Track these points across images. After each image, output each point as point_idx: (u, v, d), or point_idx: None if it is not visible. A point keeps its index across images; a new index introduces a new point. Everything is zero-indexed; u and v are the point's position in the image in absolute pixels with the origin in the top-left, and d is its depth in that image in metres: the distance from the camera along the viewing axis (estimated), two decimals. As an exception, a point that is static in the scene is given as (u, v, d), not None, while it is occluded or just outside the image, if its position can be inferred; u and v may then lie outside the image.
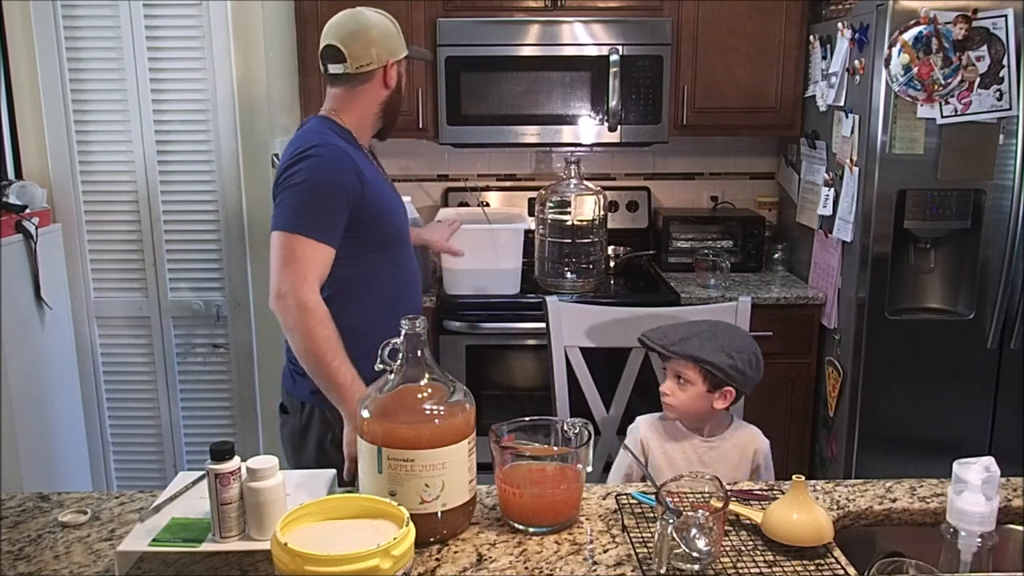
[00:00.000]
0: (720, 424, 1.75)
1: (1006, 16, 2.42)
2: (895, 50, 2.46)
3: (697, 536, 1.19)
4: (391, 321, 1.88)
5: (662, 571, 1.18)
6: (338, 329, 1.77)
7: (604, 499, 1.44)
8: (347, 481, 1.70)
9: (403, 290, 1.95)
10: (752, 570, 1.22)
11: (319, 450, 1.89)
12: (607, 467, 2.08)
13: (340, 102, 1.92)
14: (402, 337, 1.30)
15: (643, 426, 1.79)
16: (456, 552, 1.27)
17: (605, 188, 3.08)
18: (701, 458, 1.72)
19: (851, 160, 2.67)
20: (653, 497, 1.37)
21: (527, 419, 1.42)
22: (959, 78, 2.46)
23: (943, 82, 2.46)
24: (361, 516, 1.18)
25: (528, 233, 2.95)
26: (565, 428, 1.41)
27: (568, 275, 2.90)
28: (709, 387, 1.67)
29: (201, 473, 1.35)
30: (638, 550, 1.26)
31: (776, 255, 3.29)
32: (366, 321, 1.83)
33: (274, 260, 1.75)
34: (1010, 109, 2.47)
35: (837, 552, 1.26)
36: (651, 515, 1.36)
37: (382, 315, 1.84)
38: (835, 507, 1.41)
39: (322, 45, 1.90)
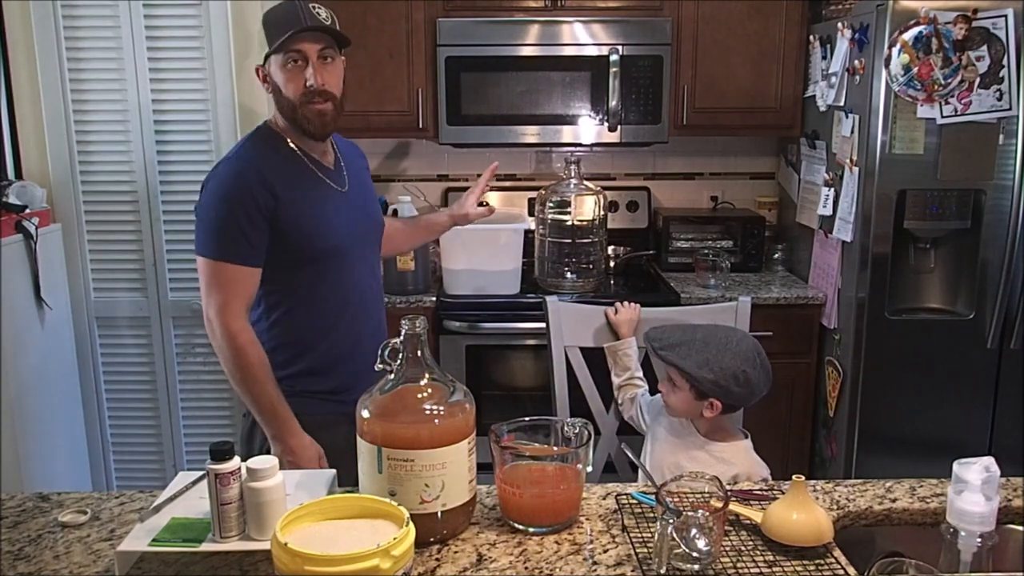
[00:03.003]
0: (721, 430, 1.75)
1: (1006, 16, 2.42)
2: (895, 50, 2.46)
3: (697, 536, 1.19)
4: (327, 338, 1.82)
5: (662, 571, 1.18)
6: (274, 343, 1.81)
7: (604, 499, 1.44)
8: None
9: (337, 308, 1.84)
10: (752, 570, 1.22)
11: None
12: (607, 467, 2.09)
13: None
14: (402, 337, 1.30)
15: (657, 401, 1.86)
16: (456, 552, 1.27)
17: (605, 188, 3.08)
18: (688, 451, 1.74)
19: (851, 160, 2.67)
20: (653, 497, 1.37)
21: (527, 419, 1.42)
22: (959, 78, 2.46)
23: (943, 82, 2.46)
24: (361, 516, 1.18)
25: (528, 233, 2.95)
26: (565, 428, 1.41)
27: (568, 275, 2.90)
28: (696, 395, 1.68)
29: (201, 473, 1.35)
30: (638, 550, 1.26)
31: (776, 255, 3.29)
32: (300, 337, 1.83)
33: (201, 284, 1.76)
34: (1010, 109, 2.47)
35: (837, 552, 1.26)
36: (651, 515, 1.36)
37: (316, 332, 1.83)
38: (835, 507, 1.41)
39: None
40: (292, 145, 1.82)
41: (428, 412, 1.29)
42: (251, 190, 1.72)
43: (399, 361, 1.30)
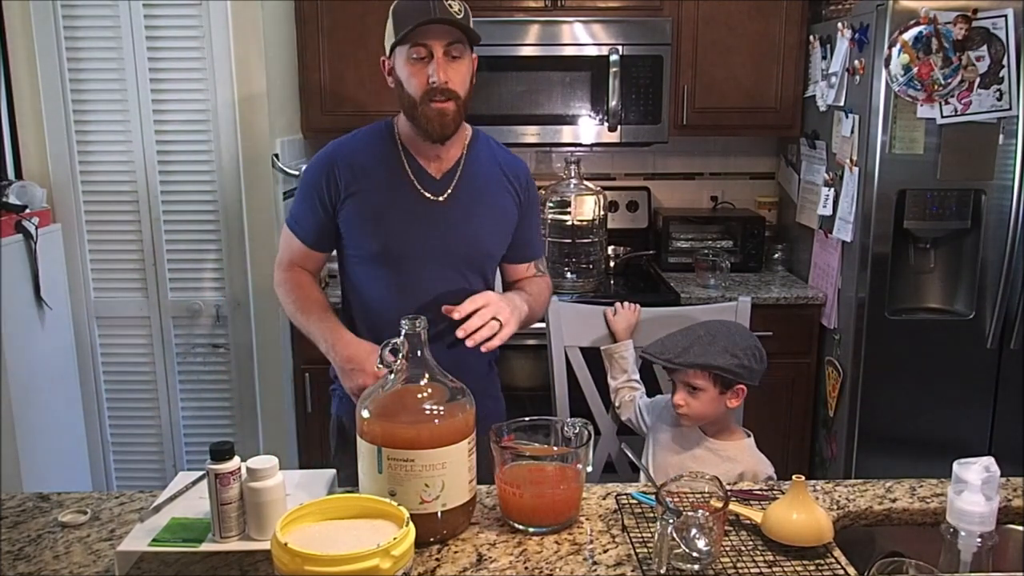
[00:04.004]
0: (727, 429, 1.75)
1: (1006, 16, 2.42)
2: (895, 50, 2.46)
3: (697, 536, 1.19)
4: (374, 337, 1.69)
5: (662, 571, 1.18)
6: None
7: (604, 499, 1.44)
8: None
9: (386, 320, 1.64)
10: (752, 570, 1.22)
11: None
12: (607, 467, 2.09)
13: None
14: (402, 337, 1.30)
15: (665, 403, 1.85)
16: (456, 552, 1.27)
17: (605, 188, 3.08)
18: (692, 452, 1.73)
19: (851, 160, 2.67)
20: (653, 497, 1.37)
21: (527, 419, 1.42)
22: (959, 78, 2.46)
23: (943, 82, 2.46)
24: (361, 516, 1.18)
25: (528, 233, 2.94)
26: (565, 428, 1.41)
27: (568, 275, 2.90)
28: (721, 389, 1.68)
29: (201, 473, 1.35)
30: (638, 550, 1.26)
31: (776, 255, 3.29)
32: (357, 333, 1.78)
33: None
34: (1010, 109, 2.47)
35: (837, 552, 1.26)
36: (651, 515, 1.36)
37: (366, 331, 1.77)
38: (835, 507, 1.41)
39: None
40: (400, 143, 1.77)
41: (428, 412, 1.29)
42: (322, 175, 1.76)
43: (399, 361, 1.30)
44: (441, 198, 1.76)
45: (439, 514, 1.27)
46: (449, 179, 1.77)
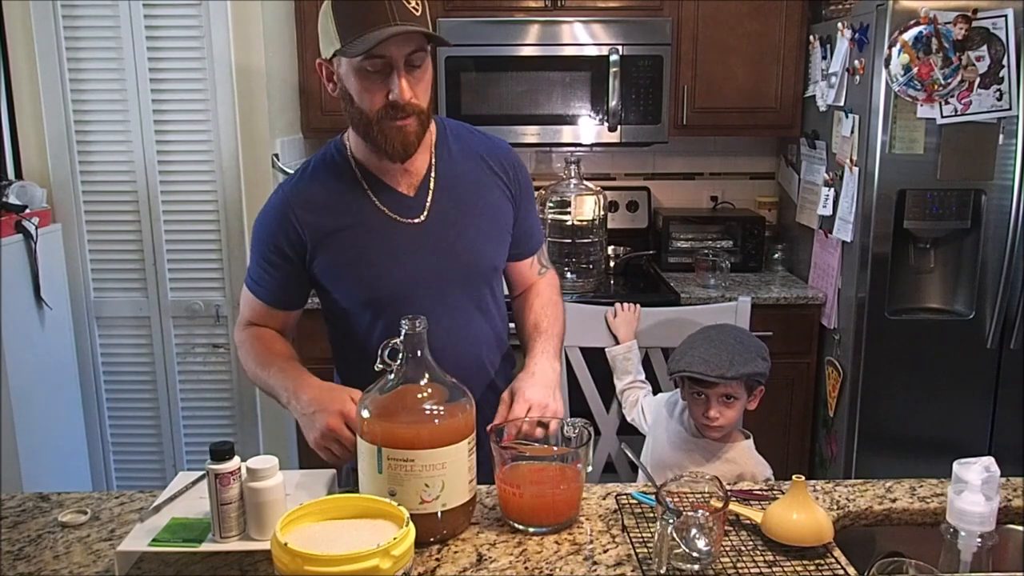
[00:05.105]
0: (731, 433, 1.76)
1: (1006, 16, 2.42)
2: (895, 50, 2.46)
3: (697, 536, 1.19)
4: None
5: (662, 571, 1.18)
6: None
7: (604, 499, 1.43)
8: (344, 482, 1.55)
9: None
10: (752, 570, 1.22)
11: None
12: (607, 467, 2.09)
13: None
14: (402, 337, 1.29)
15: (665, 403, 1.85)
16: (456, 552, 1.27)
17: (605, 188, 3.08)
18: (691, 453, 1.73)
19: (851, 160, 2.67)
20: (653, 497, 1.37)
21: (527, 419, 1.42)
22: (959, 78, 2.46)
23: (943, 82, 2.46)
24: (361, 516, 1.18)
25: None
26: (565, 428, 1.41)
27: (568, 275, 2.90)
28: (748, 394, 1.71)
29: (201, 473, 1.35)
30: (638, 550, 1.26)
31: (776, 255, 3.29)
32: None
33: None
34: (1010, 109, 2.47)
35: (837, 552, 1.26)
36: (651, 515, 1.36)
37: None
38: (835, 507, 1.40)
39: None
40: (357, 166, 1.54)
41: (428, 412, 1.28)
42: (279, 227, 1.53)
43: (399, 361, 1.30)
44: (421, 218, 1.53)
45: (439, 514, 1.27)
46: (424, 193, 1.54)
